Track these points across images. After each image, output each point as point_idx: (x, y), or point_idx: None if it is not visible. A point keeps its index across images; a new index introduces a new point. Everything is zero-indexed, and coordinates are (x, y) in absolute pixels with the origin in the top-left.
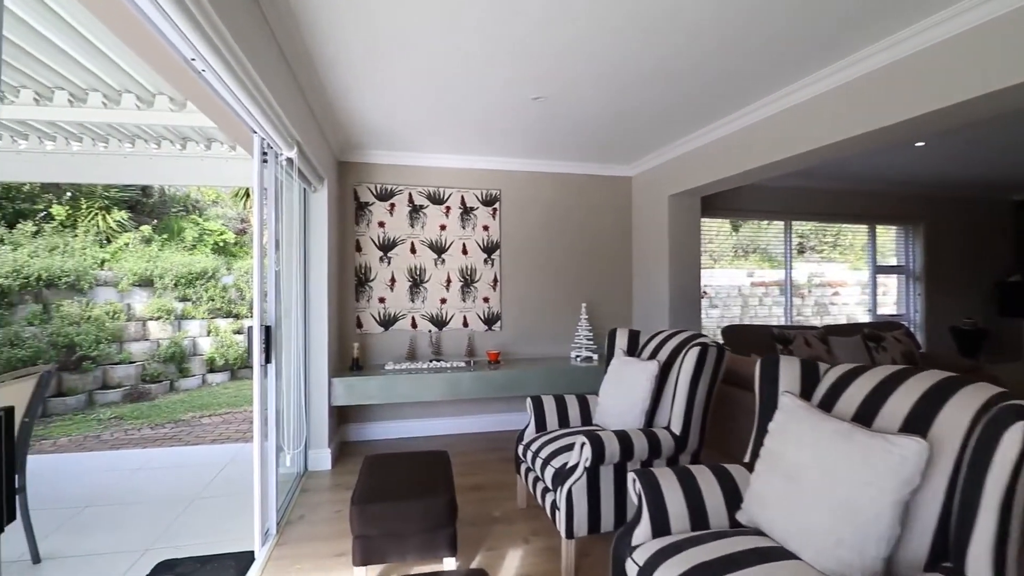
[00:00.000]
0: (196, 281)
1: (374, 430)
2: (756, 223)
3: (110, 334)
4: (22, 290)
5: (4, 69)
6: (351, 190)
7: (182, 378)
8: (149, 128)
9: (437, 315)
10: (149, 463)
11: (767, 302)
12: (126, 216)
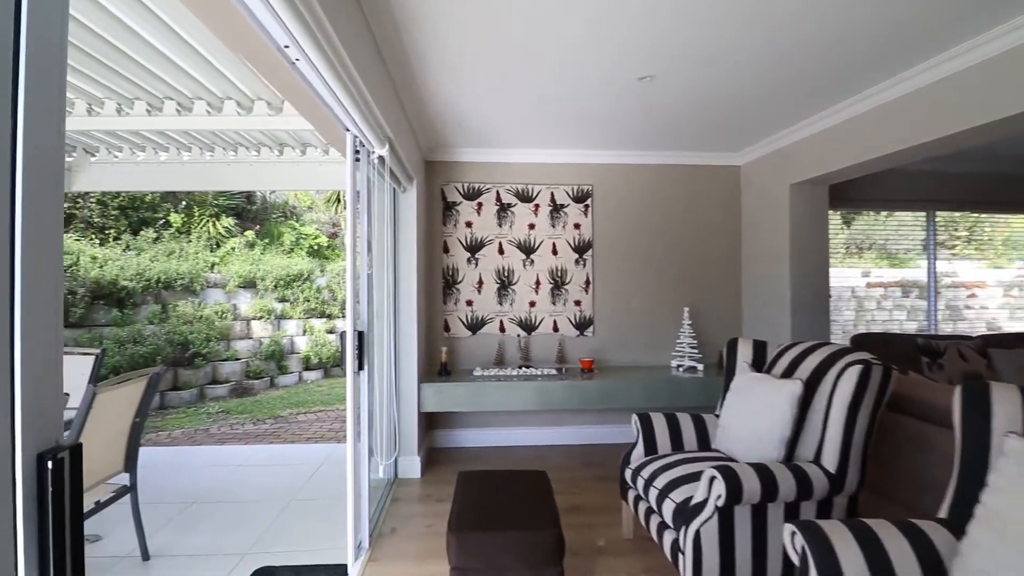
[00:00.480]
0: (293, 283)
1: (461, 437)
2: (872, 215)
3: (219, 332)
4: (144, 291)
5: (120, 83)
6: (438, 190)
7: (281, 375)
8: (249, 135)
9: (526, 319)
10: (250, 459)
11: (886, 305)
12: (233, 222)
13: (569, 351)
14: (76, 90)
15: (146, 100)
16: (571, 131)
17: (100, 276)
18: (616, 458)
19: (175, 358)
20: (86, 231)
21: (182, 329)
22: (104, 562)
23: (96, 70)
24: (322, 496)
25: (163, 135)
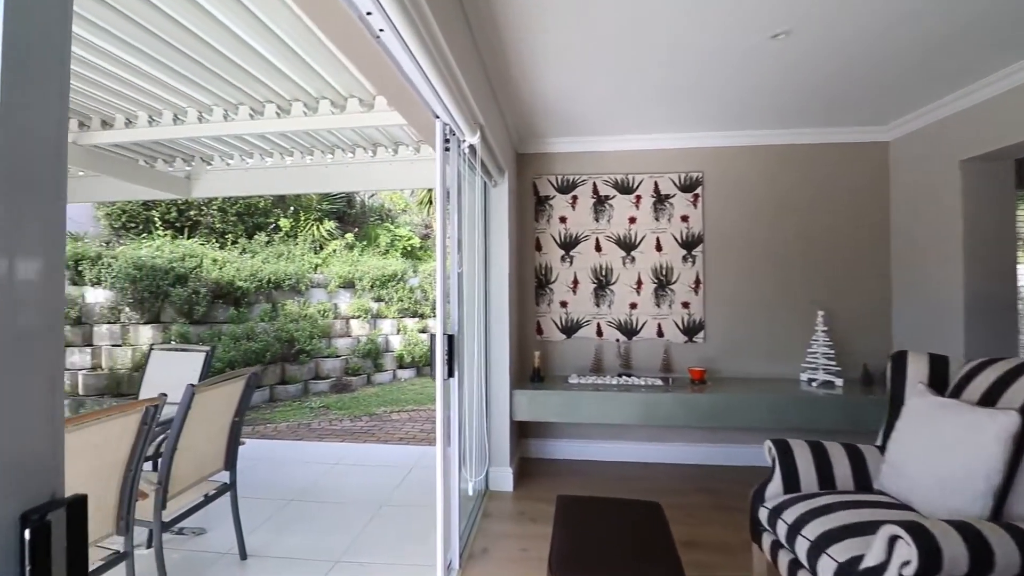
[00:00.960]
0: (388, 283)
1: (556, 448)
2: None
3: (321, 330)
4: (256, 291)
5: (226, 88)
6: (530, 184)
7: (377, 373)
8: (343, 135)
9: (626, 322)
10: (346, 458)
11: None
12: (334, 226)
13: (676, 359)
14: (188, 98)
15: (249, 105)
16: (680, 111)
17: (220, 277)
18: (736, 484)
19: (282, 354)
20: (209, 236)
21: (289, 327)
22: (206, 558)
23: (205, 77)
24: (413, 503)
25: (266, 139)
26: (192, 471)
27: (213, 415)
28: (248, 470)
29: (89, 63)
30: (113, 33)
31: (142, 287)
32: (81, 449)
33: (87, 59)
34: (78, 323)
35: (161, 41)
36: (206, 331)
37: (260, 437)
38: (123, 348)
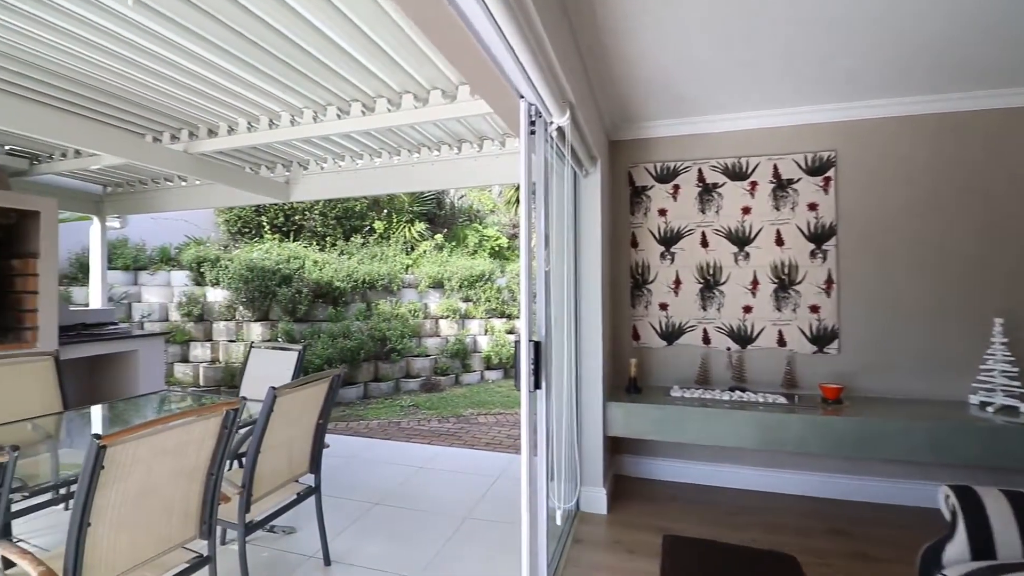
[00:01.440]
0: (476, 283)
1: (654, 467)
2: None
3: (411, 330)
4: (352, 291)
5: (315, 89)
6: (625, 173)
7: (464, 373)
8: (427, 132)
9: (739, 328)
10: (431, 461)
11: None
12: (425, 227)
13: (802, 373)
14: (280, 102)
15: (336, 105)
16: (803, 79)
17: (320, 277)
18: (880, 527)
19: (376, 352)
20: (311, 239)
21: (381, 326)
22: (291, 560)
23: (293, 78)
24: (498, 519)
25: (355, 140)
26: (276, 474)
27: (297, 417)
28: (339, 468)
29: (190, 72)
30: (206, 37)
31: (253, 287)
32: (163, 451)
33: (189, 68)
34: (200, 320)
35: (250, 43)
36: (307, 329)
37: (352, 434)
38: (237, 343)
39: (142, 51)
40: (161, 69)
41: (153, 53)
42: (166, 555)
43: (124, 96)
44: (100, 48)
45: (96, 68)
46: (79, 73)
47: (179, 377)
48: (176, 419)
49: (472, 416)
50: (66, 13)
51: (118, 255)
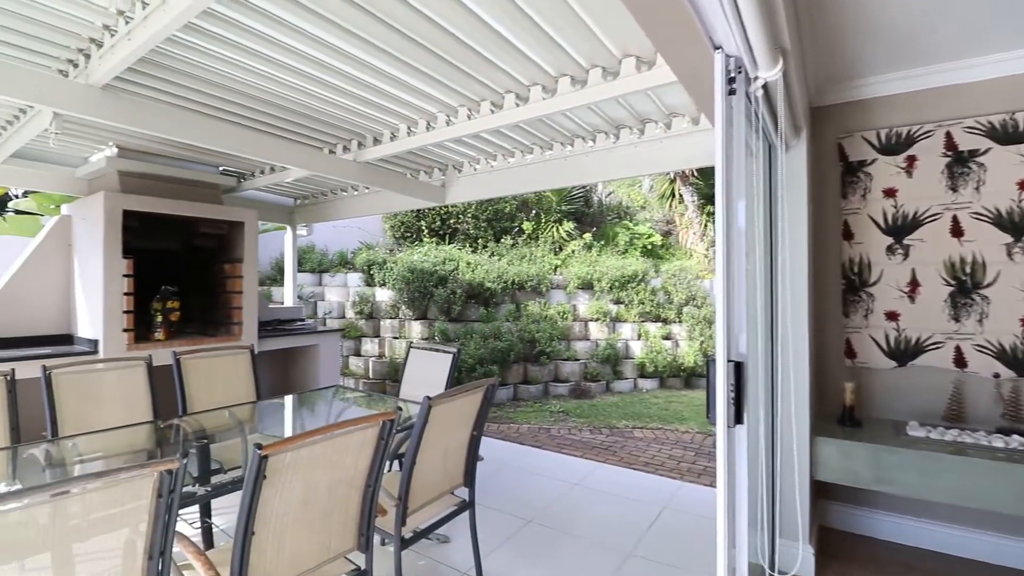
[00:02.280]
0: (628, 284)
1: (875, 522)
2: None
3: (560, 332)
4: (503, 292)
5: (469, 84)
6: (832, 146)
7: (616, 380)
8: (583, 120)
9: (1013, 348)
10: (587, 479)
11: None
12: (572, 226)
13: None
14: (436, 102)
15: (490, 99)
16: None
17: (472, 278)
18: None
19: (525, 354)
20: (464, 241)
21: (531, 328)
22: (446, 572)
23: (448, 74)
24: (667, 561)
25: (507, 137)
26: (431, 486)
27: (451, 427)
28: (490, 475)
29: (358, 80)
30: (369, 41)
31: (413, 288)
32: (322, 461)
33: (356, 76)
34: (370, 318)
35: (410, 41)
36: (461, 328)
37: (503, 438)
38: (400, 340)
39: (318, 64)
40: (334, 81)
41: (326, 65)
42: (325, 566)
43: (304, 112)
44: (283, 66)
45: (281, 87)
46: (267, 93)
47: (353, 369)
48: (334, 429)
49: (627, 430)
50: (254, 33)
51: (306, 259)
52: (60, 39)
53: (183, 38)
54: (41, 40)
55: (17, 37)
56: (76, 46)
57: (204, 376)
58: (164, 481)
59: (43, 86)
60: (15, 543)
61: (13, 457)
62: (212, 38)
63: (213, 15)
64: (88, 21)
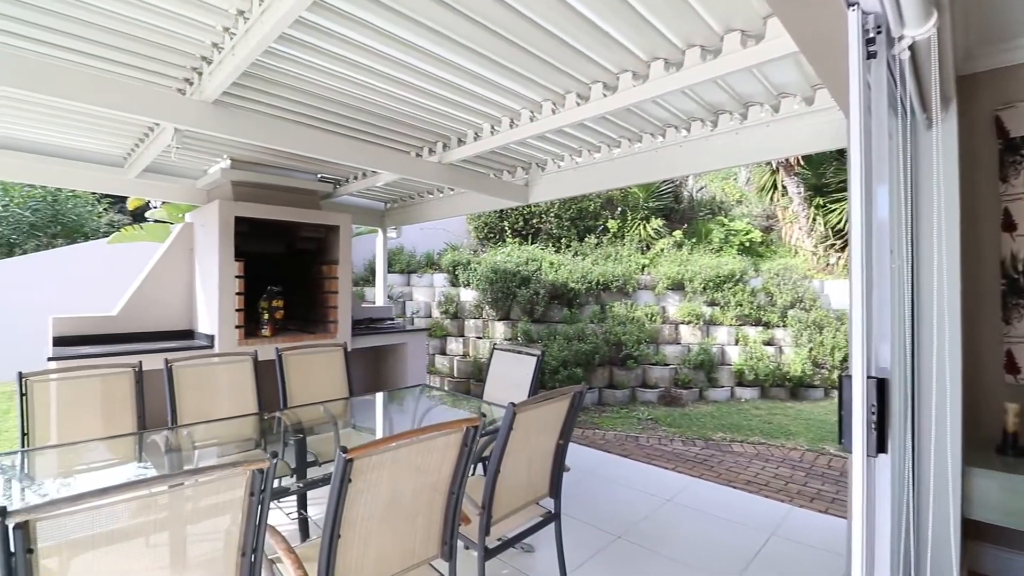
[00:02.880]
0: (723, 284)
1: None
2: None
3: (648, 335)
4: (587, 293)
5: (553, 76)
6: (987, 120)
7: (710, 388)
8: (677, 107)
9: None
10: (681, 494)
11: None
12: (661, 224)
13: None
14: (520, 98)
15: (576, 91)
16: None
17: (556, 279)
18: None
19: (610, 357)
20: (547, 241)
21: (616, 330)
22: None
23: (533, 68)
24: None
25: (592, 131)
26: (515, 495)
27: (536, 435)
28: (575, 483)
29: (443, 81)
30: (454, 39)
31: (497, 288)
32: (406, 466)
33: (442, 77)
34: (455, 317)
35: (494, 35)
36: (544, 329)
37: (588, 444)
38: (483, 340)
39: (405, 67)
40: (420, 83)
41: (413, 67)
42: (410, 571)
43: (392, 117)
44: (373, 71)
45: (371, 92)
46: (358, 100)
47: (438, 368)
48: (418, 434)
49: (724, 443)
50: (345, 40)
51: (396, 260)
52: (177, 59)
53: (279, 49)
54: (162, 62)
55: (143, 60)
56: (190, 65)
57: (302, 371)
58: (256, 480)
59: (164, 104)
60: (141, 525)
61: (139, 442)
62: (306, 47)
63: (306, 24)
64: (199, 40)
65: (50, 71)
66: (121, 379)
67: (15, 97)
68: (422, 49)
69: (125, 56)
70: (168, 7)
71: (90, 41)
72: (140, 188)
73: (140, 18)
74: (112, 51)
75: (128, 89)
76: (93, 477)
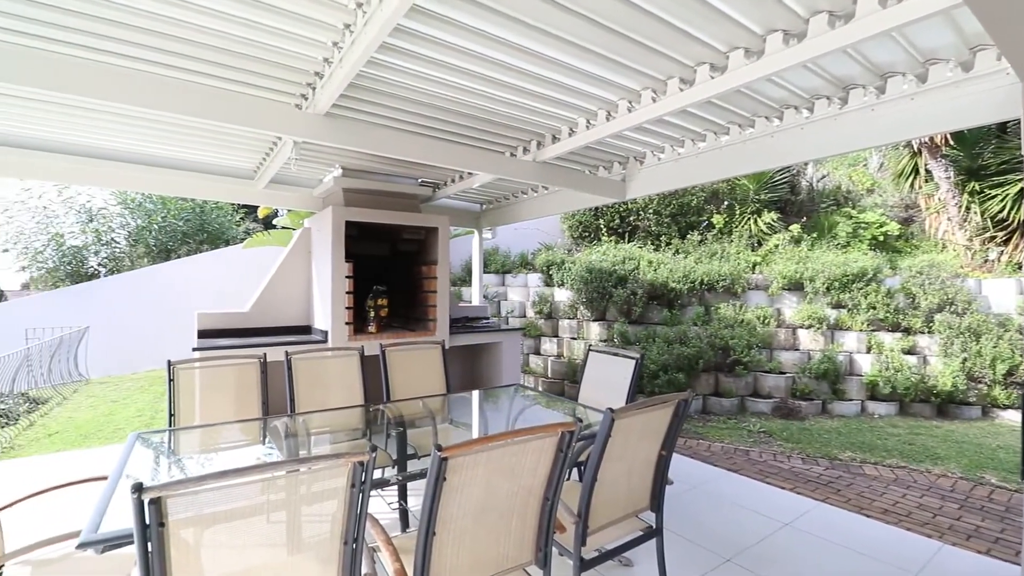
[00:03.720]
0: (852, 284)
1: None
2: None
3: (760, 340)
4: (689, 293)
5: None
6: None
7: (836, 400)
8: (799, 83)
9: None
10: (802, 520)
11: None
12: (775, 217)
13: None
14: (616, 88)
15: (679, 75)
16: None
17: (655, 278)
18: None
19: (716, 363)
20: (645, 239)
21: (723, 333)
22: None
23: (631, 55)
24: None
25: (697, 118)
26: (613, 506)
27: (636, 444)
28: (678, 496)
29: (537, 77)
30: (547, 31)
31: (592, 288)
32: (499, 468)
33: (536, 73)
34: (549, 317)
35: (590, 23)
36: (642, 331)
37: (691, 455)
38: (578, 341)
39: (499, 66)
40: (514, 81)
41: (507, 66)
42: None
43: (486, 118)
44: (468, 73)
45: (466, 94)
46: (454, 103)
47: (532, 367)
48: (512, 436)
49: (854, 463)
50: (440, 43)
51: (491, 261)
52: (295, 77)
53: (380, 59)
54: (283, 80)
55: (268, 80)
56: (306, 81)
57: (403, 367)
58: (356, 472)
59: (284, 119)
60: (261, 504)
61: (264, 426)
62: (404, 54)
63: (404, 31)
64: (313, 57)
65: (193, 94)
66: (249, 369)
67: (166, 120)
68: (516, 45)
69: (252, 77)
70: (287, 28)
71: (224, 66)
72: (267, 198)
73: (266, 42)
74: (242, 73)
75: (255, 107)
76: (227, 456)
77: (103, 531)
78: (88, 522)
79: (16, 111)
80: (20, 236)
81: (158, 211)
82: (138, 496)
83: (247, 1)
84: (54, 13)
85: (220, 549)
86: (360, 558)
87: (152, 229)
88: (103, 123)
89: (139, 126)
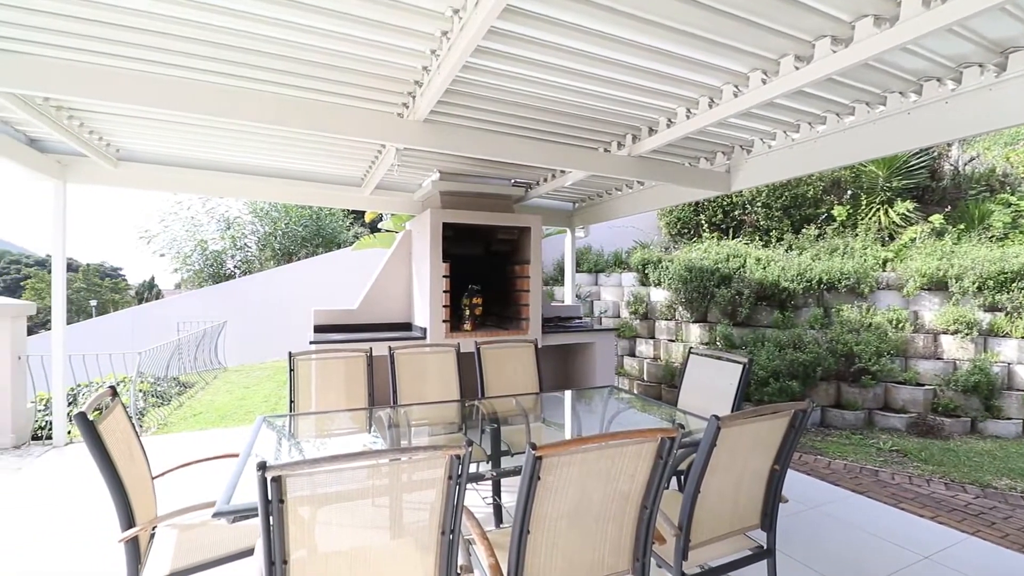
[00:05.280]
0: (1011, 283)
1: None
2: None
3: (893, 346)
4: (805, 293)
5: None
6: None
7: (989, 419)
8: (938, 52)
9: None
10: (945, 554)
11: None
12: (911, 207)
13: None
14: (720, 73)
15: (793, 53)
16: None
17: (763, 277)
18: None
19: (837, 371)
20: (752, 235)
21: (846, 338)
22: None
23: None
24: None
25: (815, 98)
26: (718, 520)
27: (745, 456)
28: (793, 516)
29: (632, 67)
30: (643, 17)
31: (691, 287)
32: (595, 470)
33: (630, 63)
34: (644, 318)
35: (692, 3)
36: (748, 334)
37: (807, 472)
38: (676, 343)
39: (592, 59)
40: (608, 74)
41: (601, 58)
42: None
43: (578, 114)
44: (560, 69)
45: (558, 91)
46: (545, 101)
47: (627, 369)
48: (609, 439)
49: (1012, 493)
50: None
51: (584, 260)
52: (396, 87)
53: (475, 63)
54: (386, 91)
55: (373, 92)
56: (407, 91)
57: (497, 364)
58: (453, 464)
59: (388, 127)
60: (368, 488)
61: (369, 416)
62: (499, 56)
63: (498, 32)
64: (412, 66)
65: (309, 110)
66: (357, 361)
67: (286, 135)
68: (608, 35)
69: (359, 90)
70: (389, 41)
71: (334, 82)
72: (373, 203)
73: (371, 55)
74: (350, 87)
75: (362, 118)
76: (338, 441)
77: (234, 503)
78: (222, 494)
79: (174, 135)
80: (173, 243)
81: (282, 218)
82: (262, 474)
83: (353, 19)
84: (216, 49)
85: (331, 527)
86: (457, 549)
87: (277, 235)
88: (237, 141)
89: (265, 141)
